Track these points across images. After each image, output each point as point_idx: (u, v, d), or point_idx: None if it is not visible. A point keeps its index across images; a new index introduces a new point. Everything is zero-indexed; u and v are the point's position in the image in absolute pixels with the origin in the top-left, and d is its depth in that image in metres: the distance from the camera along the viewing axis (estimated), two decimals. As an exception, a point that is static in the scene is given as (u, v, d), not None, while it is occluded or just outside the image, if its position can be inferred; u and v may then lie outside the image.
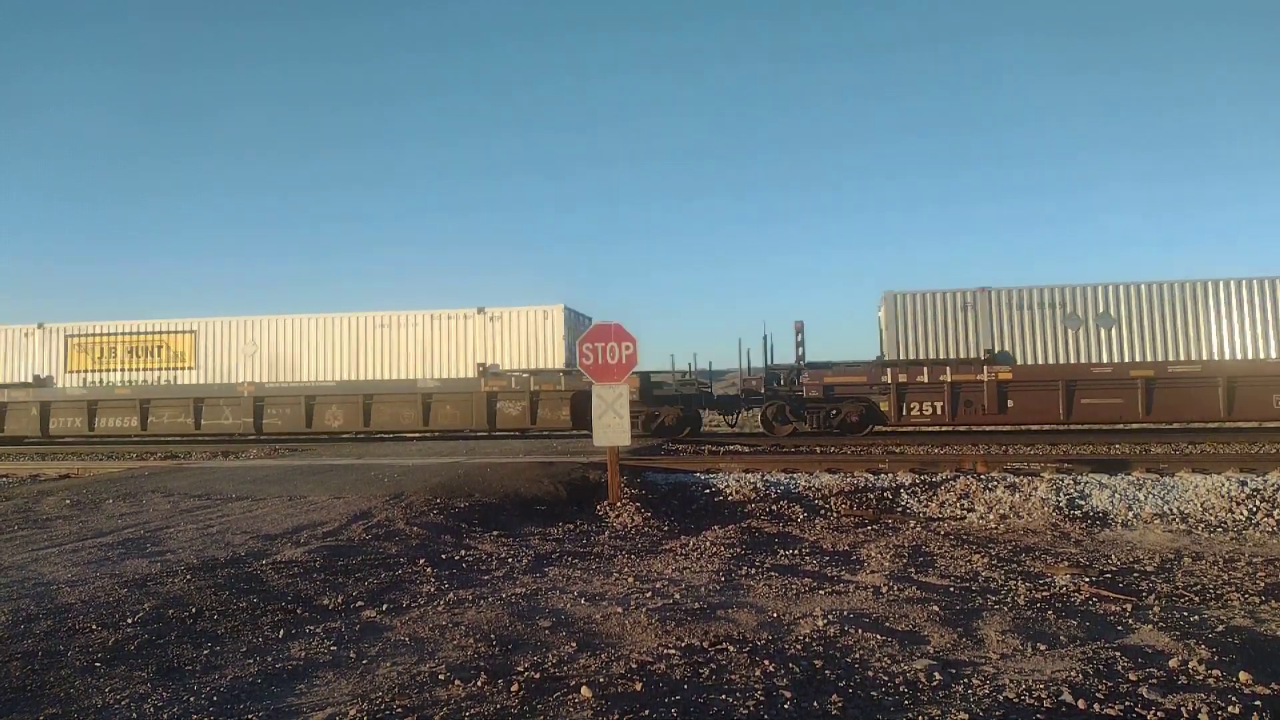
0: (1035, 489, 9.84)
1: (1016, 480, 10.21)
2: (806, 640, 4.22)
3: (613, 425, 9.54)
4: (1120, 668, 3.73)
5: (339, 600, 5.14)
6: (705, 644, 4.14)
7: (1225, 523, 8.72)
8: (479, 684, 3.58)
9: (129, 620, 4.57)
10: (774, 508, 9.89)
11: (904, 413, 18.80)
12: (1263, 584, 5.90)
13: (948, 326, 18.97)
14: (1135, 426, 18.73)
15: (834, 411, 19.23)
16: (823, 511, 9.72)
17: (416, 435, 21.78)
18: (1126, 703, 3.30)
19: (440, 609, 4.96)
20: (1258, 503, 9.09)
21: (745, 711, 3.22)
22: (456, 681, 3.62)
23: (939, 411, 18.71)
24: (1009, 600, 5.26)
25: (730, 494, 10.54)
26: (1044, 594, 5.48)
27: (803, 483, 10.72)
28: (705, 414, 22.01)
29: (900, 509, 9.79)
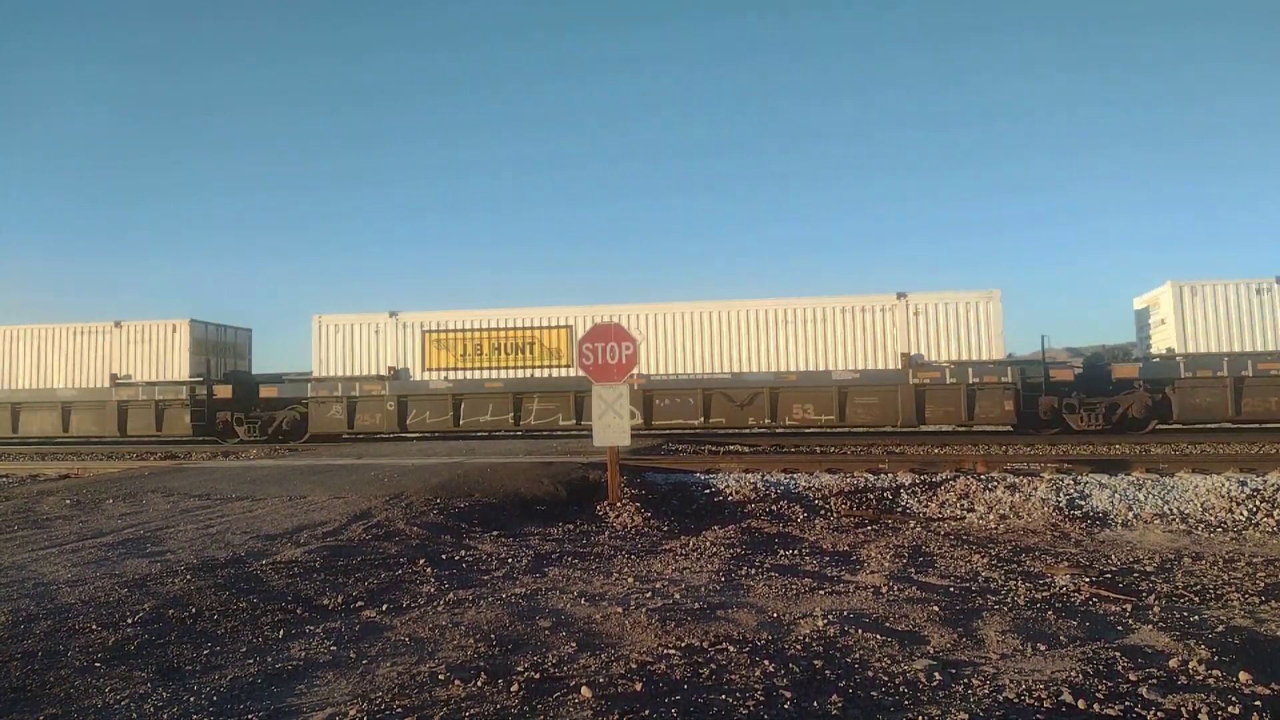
0: (1035, 489, 9.84)
1: (1016, 480, 10.21)
2: (806, 640, 4.22)
3: (613, 425, 9.53)
4: (1120, 668, 3.73)
5: (339, 600, 5.14)
6: (705, 644, 4.14)
7: (1225, 523, 8.72)
8: (479, 684, 3.58)
9: (129, 620, 4.57)
10: (774, 508, 9.89)
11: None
12: (1263, 584, 5.90)
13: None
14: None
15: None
16: (823, 511, 9.72)
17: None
18: (1126, 703, 3.30)
19: (440, 609, 4.96)
20: (1258, 503, 9.09)
21: (745, 711, 3.22)
22: (456, 681, 3.62)
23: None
24: (1009, 600, 5.26)
25: (730, 494, 10.54)
26: (1044, 594, 5.48)
27: (803, 483, 10.72)
28: None
29: (900, 509, 9.79)
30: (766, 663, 3.81)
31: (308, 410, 21.41)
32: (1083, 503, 9.49)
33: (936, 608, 4.87)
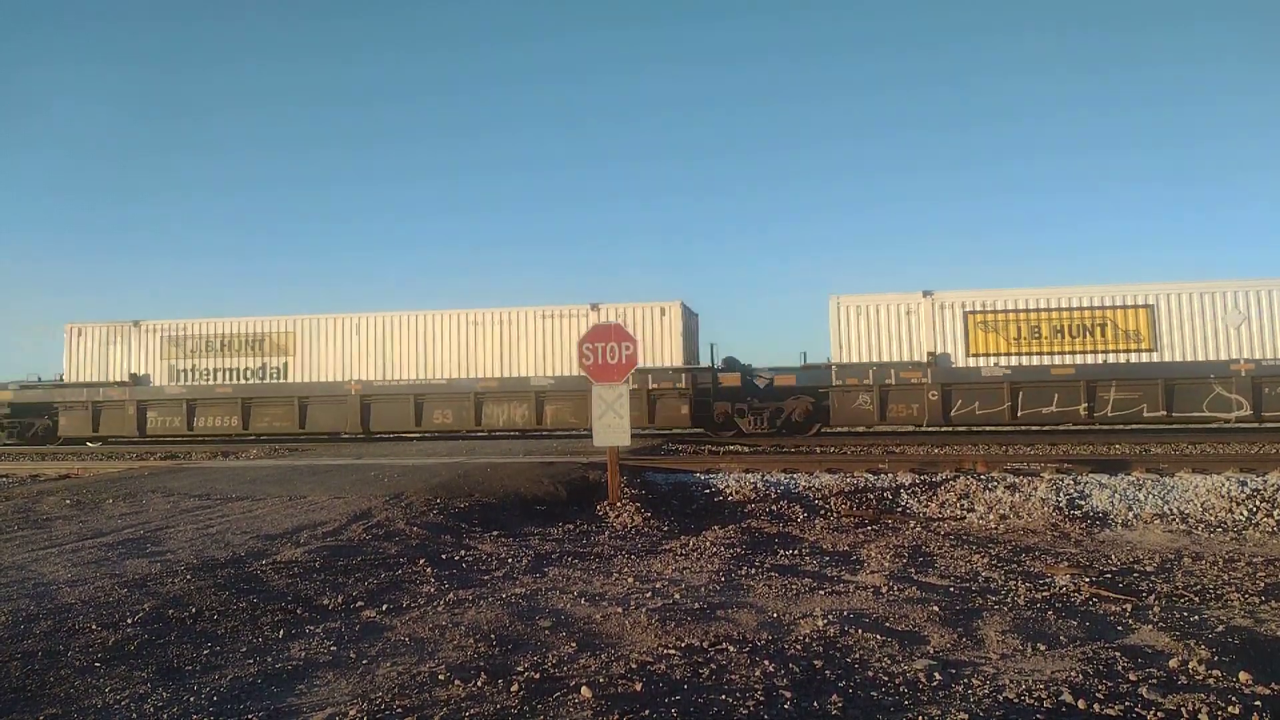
0: (1035, 489, 9.84)
1: (1016, 480, 10.21)
2: (806, 640, 4.22)
3: (613, 425, 9.54)
4: (1120, 668, 3.73)
5: (339, 600, 5.14)
6: (705, 644, 4.14)
7: (1225, 523, 8.72)
8: (479, 684, 3.58)
9: (129, 620, 4.57)
10: (774, 508, 9.89)
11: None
12: (1263, 584, 5.90)
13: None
14: (1134, 426, 18.73)
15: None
16: (823, 511, 9.72)
17: (416, 435, 21.84)
18: (1126, 703, 3.30)
19: (440, 609, 4.96)
20: (1258, 503, 9.09)
21: (745, 711, 3.22)
22: (456, 681, 3.62)
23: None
24: (1009, 600, 5.26)
25: (730, 494, 10.54)
26: (1044, 594, 5.48)
27: (803, 483, 10.72)
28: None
29: (900, 509, 9.79)
30: (766, 663, 3.82)
31: (828, 400, 19.47)
32: (1083, 503, 9.49)
33: (936, 608, 4.87)
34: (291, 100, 71.14)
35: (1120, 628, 4.54)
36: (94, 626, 4.45)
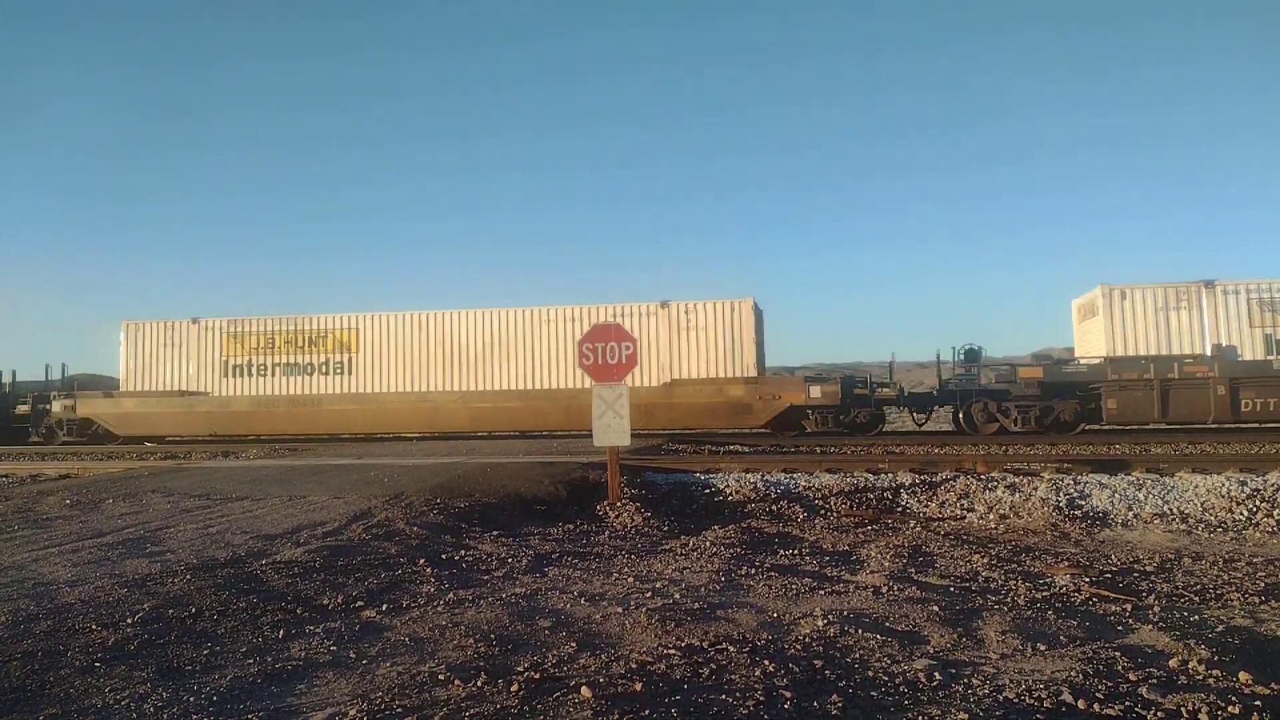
0: (1035, 489, 9.84)
1: (1016, 480, 10.21)
2: (806, 640, 4.22)
3: (613, 425, 9.54)
4: (1120, 668, 3.73)
5: (339, 600, 5.14)
6: (705, 644, 4.14)
7: (1225, 523, 8.72)
8: (479, 684, 3.58)
9: (129, 620, 4.57)
10: (774, 508, 9.89)
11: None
12: (1263, 584, 5.90)
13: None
14: (1134, 426, 18.73)
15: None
16: (823, 511, 9.72)
17: (416, 435, 21.84)
18: (1126, 703, 3.30)
19: (440, 609, 4.96)
20: (1258, 503, 9.09)
21: (745, 711, 3.22)
22: (456, 681, 3.62)
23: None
24: (1009, 600, 5.26)
25: (730, 494, 10.54)
26: (1044, 594, 5.48)
27: (803, 483, 10.72)
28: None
29: (900, 509, 9.79)
30: (766, 663, 3.81)
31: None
32: (1083, 503, 9.49)
33: (936, 608, 4.87)
34: (291, 101, 71.10)
35: (1120, 628, 4.54)
36: (94, 626, 4.44)
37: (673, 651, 4.01)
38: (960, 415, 20.03)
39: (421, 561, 6.27)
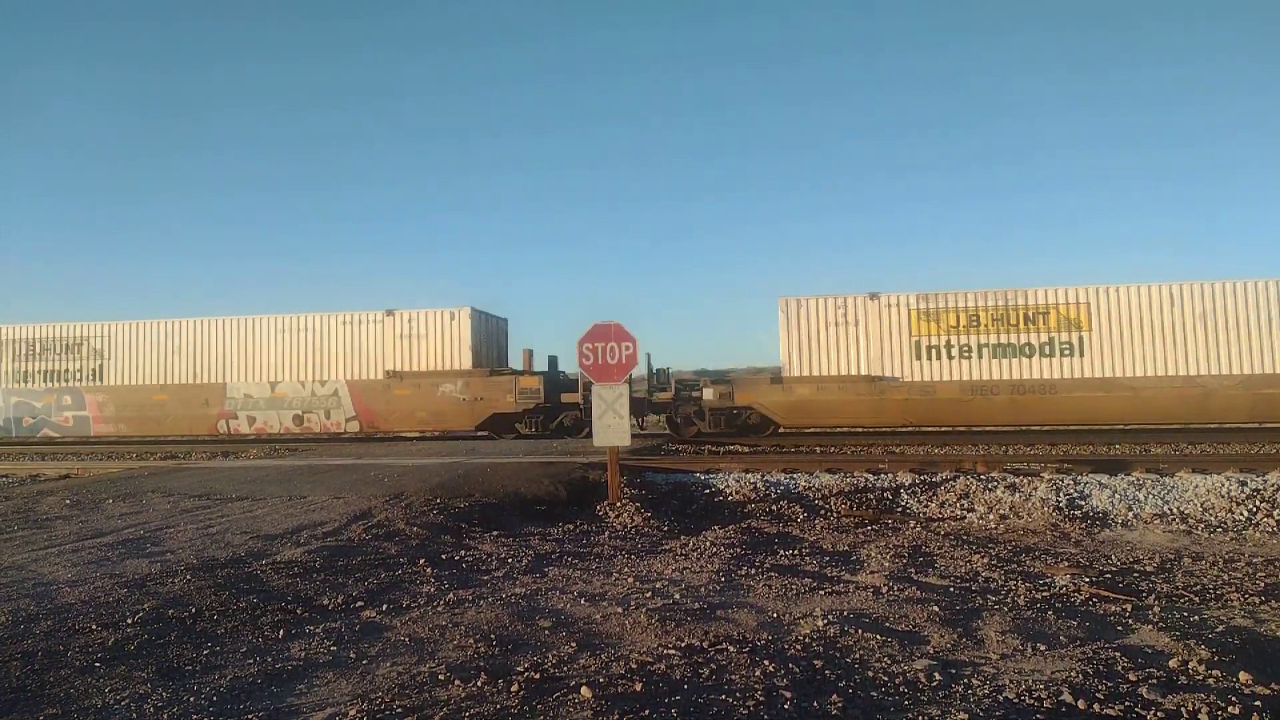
0: (1035, 489, 9.84)
1: (1016, 480, 10.21)
2: (806, 640, 4.22)
3: (613, 425, 9.53)
4: (1120, 668, 3.73)
5: (339, 600, 5.14)
6: (705, 644, 4.14)
7: (1225, 523, 8.72)
8: (479, 684, 3.58)
9: (129, 620, 4.57)
10: (774, 508, 9.89)
11: None
12: (1263, 584, 5.90)
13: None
14: (1134, 426, 18.73)
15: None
16: (823, 511, 9.72)
17: (415, 435, 21.83)
18: (1126, 703, 3.30)
19: (440, 609, 4.96)
20: (1258, 503, 9.09)
21: (745, 711, 3.22)
22: (456, 681, 3.62)
23: None
24: (1009, 600, 5.26)
25: (730, 494, 10.54)
26: (1044, 594, 5.48)
27: (803, 483, 10.72)
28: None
29: (900, 509, 9.79)
30: (766, 663, 3.81)
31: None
32: (1083, 503, 9.49)
33: (936, 608, 4.87)
34: (289, 101, 71.14)
35: (1120, 628, 4.54)
36: (94, 626, 4.44)
37: (673, 651, 4.01)
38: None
39: (421, 561, 6.27)
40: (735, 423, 19.99)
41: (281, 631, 4.48)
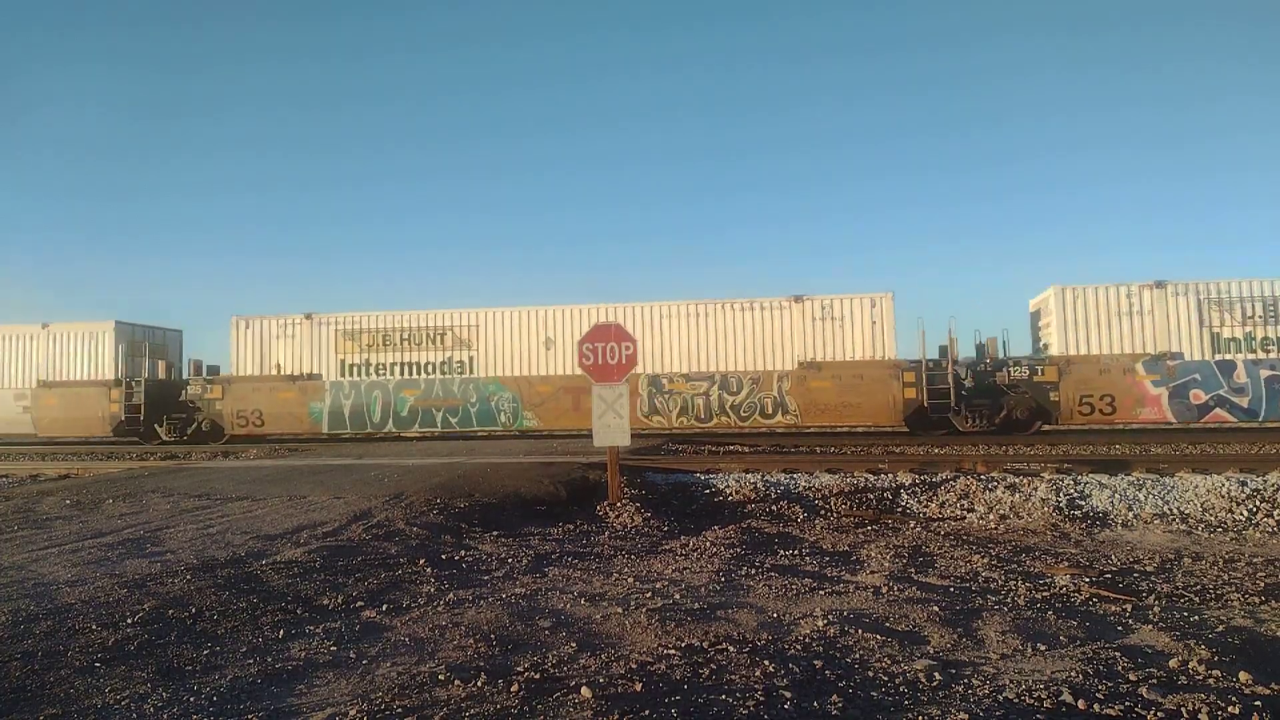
0: (1035, 489, 9.84)
1: (1016, 480, 10.21)
2: (806, 640, 4.22)
3: (613, 425, 9.54)
4: (1120, 668, 3.73)
5: (339, 600, 5.14)
6: (705, 644, 4.14)
7: (1225, 523, 8.72)
8: (479, 684, 3.58)
9: (129, 620, 4.57)
10: (774, 508, 9.89)
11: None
12: (1263, 584, 5.90)
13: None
14: (1134, 426, 18.73)
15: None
16: (823, 512, 9.72)
17: (415, 435, 21.83)
18: (1126, 703, 3.30)
19: (440, 609, 4.96)
20: (1258, 503, 9.09)
21: (745, 712, 3.22)
22: (456, 682, 3.62)
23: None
24: (1009, 600, 5.26)
25: (730, 494, 10.54)
26: (1044, 594, 5.48)
27: (803, 483, 10.72)
28: None
29: (900, 509, 9.79)
30: (766, 663, 3.81)
31: None
32: (1083, 503, 9.49)
33: (936, 608, 4.87)
34: (290, 101, 71.20)
35: (1120, 628, 4.54)
36: (94, 626, 4.44)
37: (673, 652, 4.01)
38: None
39: (421, 561, 6.27)
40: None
41: (281, 631, 4.48)
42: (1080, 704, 3.29)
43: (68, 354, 23.03)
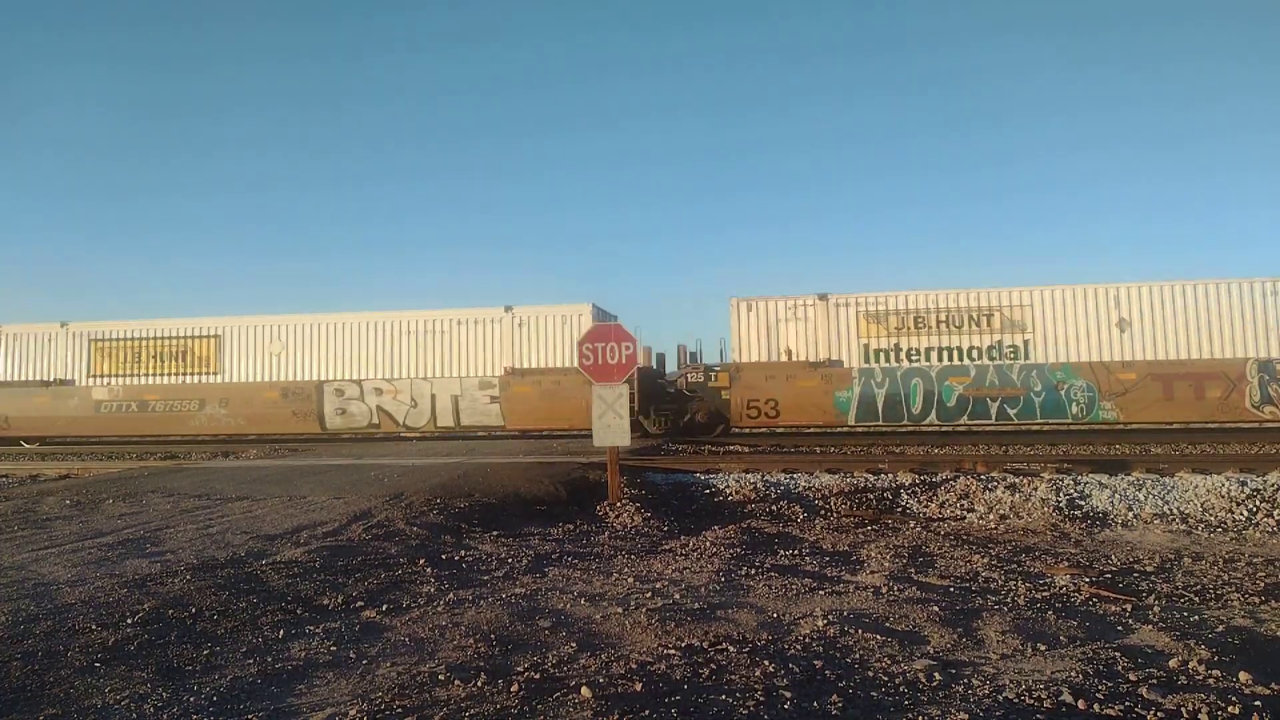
0: (1035, 489, 9.84)
1: (1016, 480, 10.21)
2: (806, 640, 4.22)
3: (613, 425, 9.54)
4: (1120, 668, 3.73)
5: (339, 600, 5.14)
6: (705, 644, 4.14)
7: (1225, 523, 8.72)
8: (479, 684, 3.58)
9: (129, 620, 4.57)
10: (774, 508, 9.89)
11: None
12: (1263, 584, 5.90)
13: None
14: (1135, 426, 18.71)
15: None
16: (823, 511, 9.72)
17: (415, 435, 21.83)
18: (1126, 703, 3.30)
19: (440, 609, 4.96)
20: (1258, 503, 9.09)
21: (745, 711, 3.22)
22: (456, 681, 3.62)
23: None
24: (1009, 600, 5.26)
25: (730, 494, 10.54)
26: (1044, 594, 5.48)
27: (803, 483, 10.72)
28: None
29: (900, 509, 9.79)
30: (766, 663, 3.81)
31: None
32: (1083, 503, 9.49)
33: (936, 608, 4.87)
34: (290, 101, 71.28)
35: (1120, 628, 4.54)
36: (94, 626, 4.44)
37: (673, 652, 4.01)
38: None
39: (421, 562, 6.27)
40: None
41: (281, 631, 4.48)
42: (1080, 704, 3.29)
43: (538, 338, 20.58)
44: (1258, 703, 3.24)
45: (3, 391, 22.12)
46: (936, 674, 3.65)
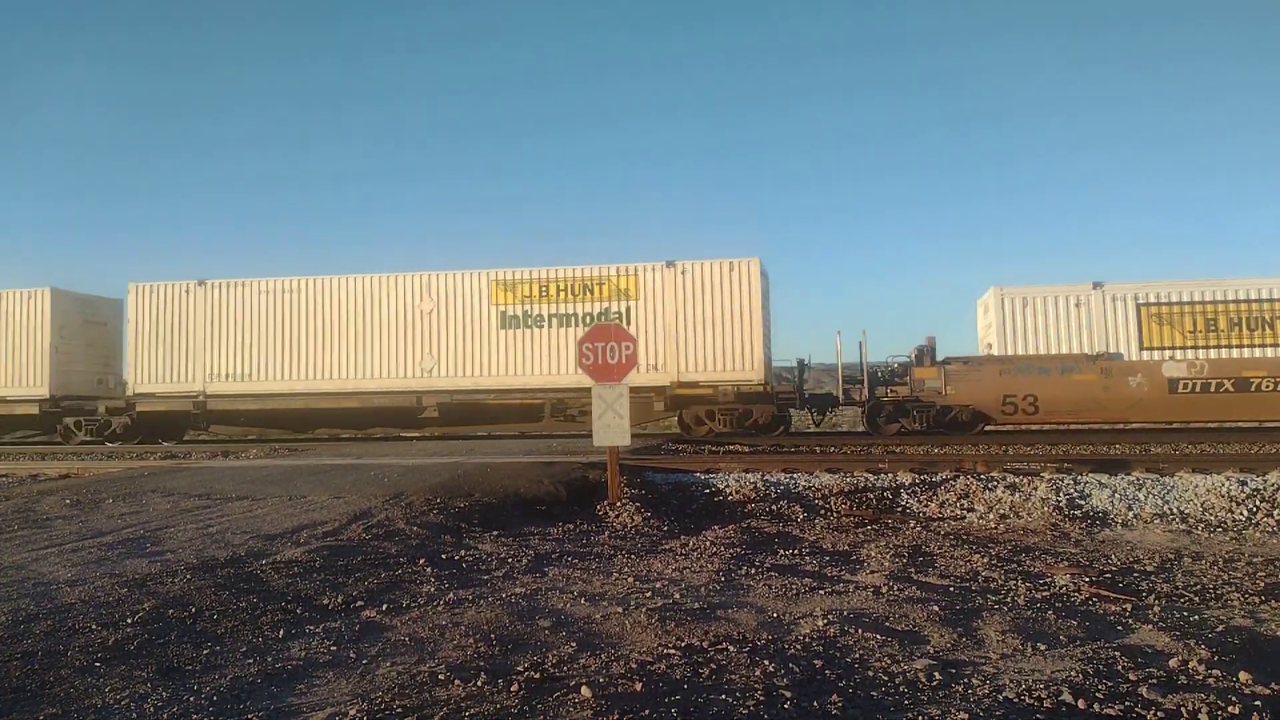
0: (1035, 489, 9.84)
1: (1017, 480, 10.21)
2: (806, 640, 4.22)
3: (613, 425, 9.53)
4: (1120, 668, 3.73)
5: (339, 600, 5.15)
6: (705, 644, 4.14)
7: (1225, 523, 8.72)
8: (479, 684, 3.58)
9: (129, 620, 4.57)
10: (774, 507, 9.89)
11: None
12: (1263, 584, 5.90)
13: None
14: (1135, 425, 18.72)
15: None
16: (823, 511, 9.72)
17: (415, 435, 21.83)
18: (1126, 703, 3.30)
19: (440, 609, 4.96)
20: (1258, 503, 9.09)
21: (745, 711, 3.22)
22: (456, 681, 3.62)
23: None
24: (1009, 600, 5.26)
25: (730, 494, 10.54)
26: (1044, 594, 5.48)
27: (803, 483, 10.72)
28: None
29: (900, 509, 9.79)
30: (766, 662, 3.82)
31: None
32: (1083, 502, 9.49)
33: (936, 607, 4.87)
34: (290, 101, 71.32)
35: (1120, 627, 4.54)
36: (94, 626, 4.44)
37: (673, 651, 4.02)
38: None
39: (421, 561, 6.27)
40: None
41: (281, 631, 4.48)
42: (1080, 704, 3.29)
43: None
44: (1258, 703, 3.24)
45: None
46: (936, 674, 3.65)
